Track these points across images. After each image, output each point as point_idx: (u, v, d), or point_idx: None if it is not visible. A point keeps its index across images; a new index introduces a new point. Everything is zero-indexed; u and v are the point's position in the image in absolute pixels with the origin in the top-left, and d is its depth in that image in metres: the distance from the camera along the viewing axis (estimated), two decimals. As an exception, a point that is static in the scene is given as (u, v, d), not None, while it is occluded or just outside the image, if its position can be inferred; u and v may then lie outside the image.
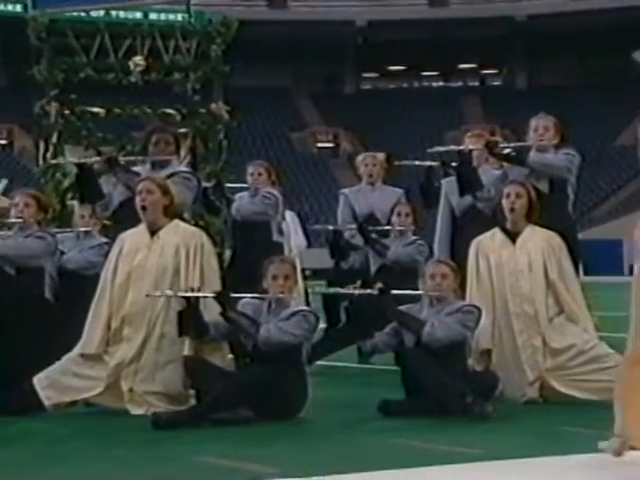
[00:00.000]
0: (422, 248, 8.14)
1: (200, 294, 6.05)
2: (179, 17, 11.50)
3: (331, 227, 8.69)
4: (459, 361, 6.21)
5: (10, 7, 36.80)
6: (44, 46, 10.54)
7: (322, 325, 7.20)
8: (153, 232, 6.33)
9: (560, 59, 47.16)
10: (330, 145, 47.13)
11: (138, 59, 10.76)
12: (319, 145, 47.09)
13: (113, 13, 11.12)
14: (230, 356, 6.53)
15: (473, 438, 5.34)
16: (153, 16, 11.37)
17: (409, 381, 6.15)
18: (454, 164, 7.62)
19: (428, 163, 8.06)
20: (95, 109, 10.70)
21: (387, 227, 8.42)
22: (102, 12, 10.98)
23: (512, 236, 6.71)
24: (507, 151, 7.35)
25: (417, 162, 8.13)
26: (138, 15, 11.35)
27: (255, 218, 8.20)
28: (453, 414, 5.85)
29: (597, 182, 38.50)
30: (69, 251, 7.57)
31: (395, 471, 4.61)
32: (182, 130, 10.71)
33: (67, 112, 10.49)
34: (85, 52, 10.72)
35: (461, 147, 7.46)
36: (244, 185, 8.49)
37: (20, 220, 6.81)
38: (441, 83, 51.37)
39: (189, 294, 6.03)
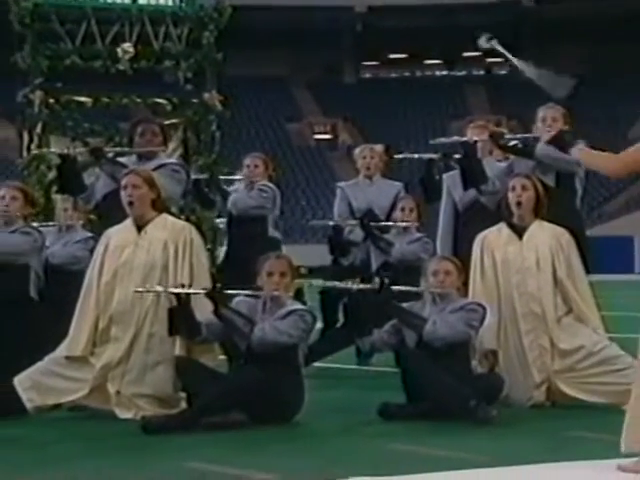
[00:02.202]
0: (427, 246, 7.90)
1: (191, 291, 5.88)
2: (169, 2, 11.21)
3: (331, 223, 8.46)
4: (462, 362, 6.06)
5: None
6: (27, 32, 10.31)
7: (319, 325, 7.02)
8: (140, 227, 6.16)
9: (570, 46, 46.61)
10: (328, 137, 46.95)
11: (127, 46, 10.55)
12: (317, 137, 46.91)
13: (100, -3, 10.90)
14: (222, 357, 6.33)
15: (477, 443, 5.24)
16: (142, 1, 11.08)
17: (410, 383, 6.01)
18: (458, 156, 7.39)
19: (428, 155, 7.84)
20: (81, 98, 10.49)
21: (388, 223, 8.17)
22: (89, -4, 10.77)
23: (519, 231, 6.52)
24: (513, 143, 7.12)
25: (417, 155, 7.91)
26: (127, 0, 11.09)
27: (252, 212, 8.04)
28: (456, 418, 5.71)
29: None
30: (52, 245, 7.38)
31: (395, 477, 4.50)
32: (173, 121, 10.52)
33: (52, 101, 10.28)
34: (71, 38, 10.49)
35: (465, 138, 7.25)
36: (238, 177, 8.29)
37: (6, 214, 6.61)
38: (445, 72, 51.03)
39: (180, 290, 5.84)
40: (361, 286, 6.20)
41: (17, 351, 6.23)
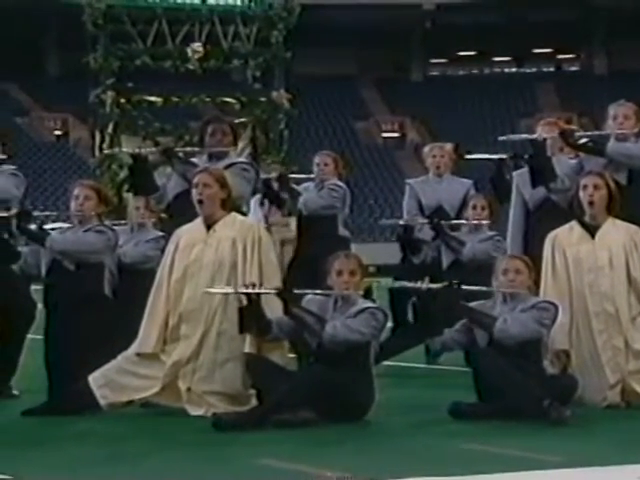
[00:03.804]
0: (499, 244, 7.82)
1: (262, 290, 5.88)
2: (238, 1, 11.22)
3: (401, 222, 8.42)
4: (534, 361, 5.99)
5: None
6: (100, 33, 10.40)
7: (389, 324, 6.99)
8: (209, 226, 6.19)
9: (641, 41, 45.83)
10: (396, 135, 46.80)
11: (196, 46, 10.60)
12: (384, 135, 46.77)
13: (171, -2, 10.91)
14: (291, 355, 6.33)
15: (550, 444, 5.17)
16: (212, 1, 11.10)
17: (482, 382, 5.95)
18: (526, 156, 7.31)
19: (498, 156, 7.78)
20: (152, 98, 10.56)
21: (460, 221, 8.12)
22: (160, -3, 10.79)
23: (591, 230, 6.41)
24: (584, 140, 7.03)
25: (487, 155, 7.86)
26: (196, 0, 11.10)
27: (322, 212, 8.07)
28: (529, 418, 5.64)
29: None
30: (124, 244, 7.45)
31: (467, 477, 4.47)
32: (241, 120, 10.55)
33: (123, 101, 10.35)
34: (142, 39, 10.58)
35: (534, 136, 7.17)
36: (309, 175, 8.30)
37: (80, 213, 6.67)
38: (514, 69, 50.48)
39: (250, 290, 5.86)
40: (430, 286, 6.16)
41: (92, 349, 6.29)
